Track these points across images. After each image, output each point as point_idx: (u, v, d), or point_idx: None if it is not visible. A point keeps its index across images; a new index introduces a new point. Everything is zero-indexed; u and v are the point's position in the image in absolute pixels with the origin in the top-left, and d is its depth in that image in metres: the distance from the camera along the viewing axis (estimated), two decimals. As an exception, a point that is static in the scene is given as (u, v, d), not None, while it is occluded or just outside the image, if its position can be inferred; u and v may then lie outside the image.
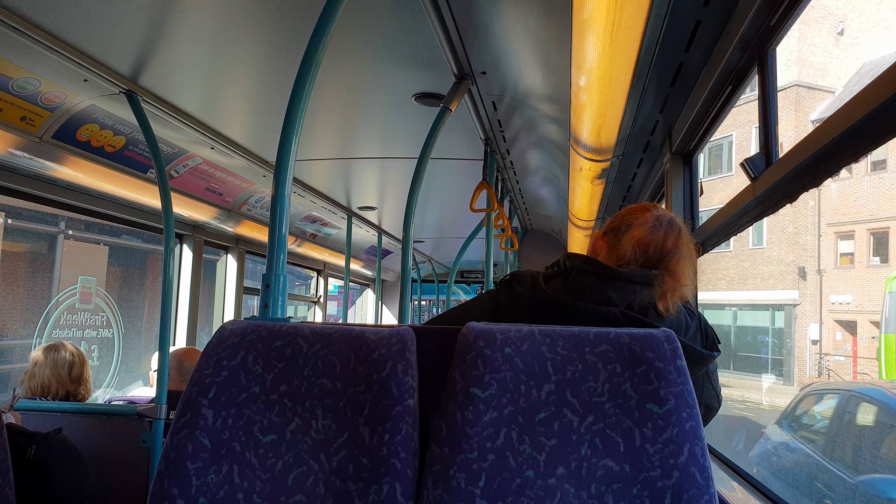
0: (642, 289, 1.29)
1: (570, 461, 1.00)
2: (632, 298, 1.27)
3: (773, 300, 18.88)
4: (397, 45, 1.99)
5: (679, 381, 1.04)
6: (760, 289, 19.31)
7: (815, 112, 18.09)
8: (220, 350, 1.12)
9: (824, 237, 18.13)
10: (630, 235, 1.34)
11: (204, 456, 1.04)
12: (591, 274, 1.31)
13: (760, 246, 19.67)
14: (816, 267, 18.17)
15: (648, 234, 1.33)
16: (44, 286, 3.76)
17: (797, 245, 18.61)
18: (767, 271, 19.33)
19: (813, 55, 19.00)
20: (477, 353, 1.07)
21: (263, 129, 2.90)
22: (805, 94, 18.47)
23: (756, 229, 18.92)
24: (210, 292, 4.55)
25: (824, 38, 19.17)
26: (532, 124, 2.81)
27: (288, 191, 1.33)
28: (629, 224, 1.37)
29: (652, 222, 1.35)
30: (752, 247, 19.79)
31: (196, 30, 1.91)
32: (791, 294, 18.46)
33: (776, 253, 19.20)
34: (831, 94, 18.25)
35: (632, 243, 1.33)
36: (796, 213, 18.26)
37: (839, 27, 19.32)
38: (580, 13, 1.52)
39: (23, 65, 2.05)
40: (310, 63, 1.34)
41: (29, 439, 1.78)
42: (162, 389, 2.39)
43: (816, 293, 18.03)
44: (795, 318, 18.10)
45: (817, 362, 17.25)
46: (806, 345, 17.71)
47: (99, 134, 2.59)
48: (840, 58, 19.04)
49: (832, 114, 1.08)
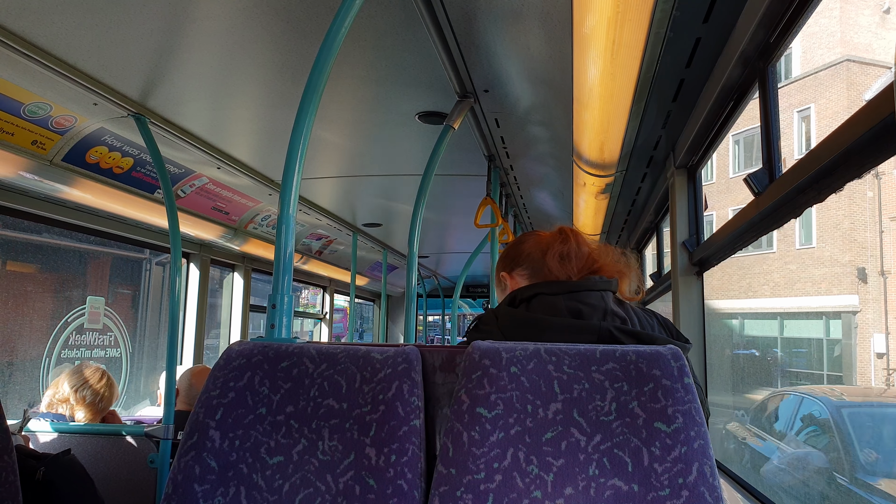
0: (608, 294, 1.29)
1: (579, 481, 1.00)
2: (603, 306, 1.27)
3: (827, 307, 15.96)
4: (400, 66, 2.02)
5: (687, 398, 1.03)
6: (811, 294, 16.23)
7: (871, 90, 15.31)
8: (227, 371, 1.13)
9: (887, 233, 15.12)
10: (551, 254, 1.35)
11: (211, 478, 1.04)
12: (555, 294, 1.29)
13: (809, 245, 16.48)
14: (879, 268, 15.14)
15: (562, 245, 1.35)
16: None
17: (854, 243, 15.55)
18: (819, 274, 16.29)
19: (857, 36, 17.06)
20: (483, 372, 1.07)
21: (269, 148, 2.93)
22: (857, 71, 16.00)
23: (804, 226, 16.08)
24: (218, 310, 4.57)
25: (869, 17, 17.31)
26: (535, 140, 2.83)
27: (293, 211, 1.34)
28: (533, 249, 1.39)
29: (555, 237, 1.38)
30: (800, 246, 16.72)
31: (203, 53, 1.94)
32: (849, 300, 15.50)
33: (829, 252, 16.11)
34: (888, 69, 16.07)
35: (556, 260, 1.34)
36: (852, 206, 15.42)
37: (885, 5, 17.42)
38: (580, 32, 1.54)
39: (34, 90, 2.08)
40: (315, 84, 1.35)
41: (38, 461, 1.78)
42: (169, 409, 2.40)
43: (880, 298, 15.03)
44: (856, 327, 15.24)
45: (885, 378, 14.44)
46: (869, 358, 14.95)
47: (108, 156, 2.62)
48: (886, 38, 17.04)
49: (833, 131, 1.09)
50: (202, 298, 4.01)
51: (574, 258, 1.34)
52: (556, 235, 1.40)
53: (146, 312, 4.22)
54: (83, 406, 2.48)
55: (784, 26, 1.40)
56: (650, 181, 3.21)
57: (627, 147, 2.34)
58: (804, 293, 16.56)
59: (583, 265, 1.34)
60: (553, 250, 1.36)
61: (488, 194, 3.03)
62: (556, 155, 3.04)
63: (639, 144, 2.47)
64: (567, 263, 1.33)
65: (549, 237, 1.40)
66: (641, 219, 3.99)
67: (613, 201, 3.25)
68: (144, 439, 2.40)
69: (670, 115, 2.25)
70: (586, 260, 1.35)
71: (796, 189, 1.30)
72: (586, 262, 1.35)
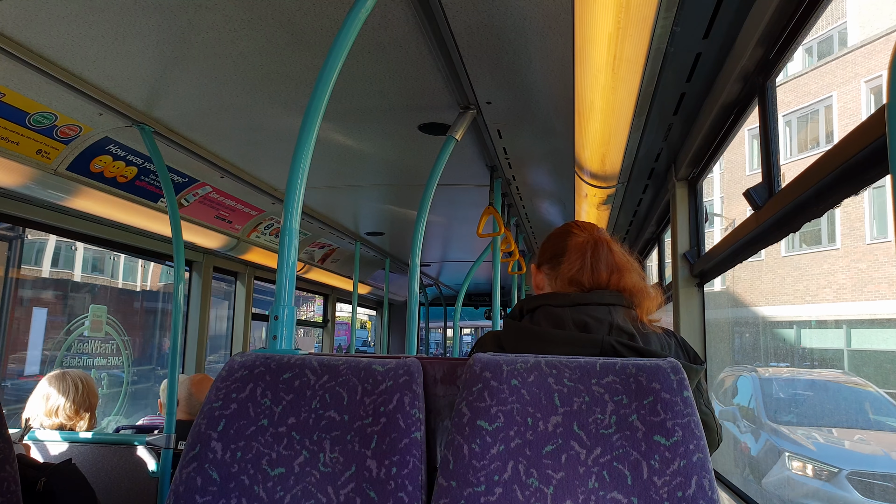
0: (616, 309, 1.28)
1: (578, 494, 1.00)
2: (609, 320, 1.27)
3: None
4: (404, 77, 2.04)
5: (686, 412, 1.04)
6: (888, 298, 13.30)
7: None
8: (229, 383, 1.13)
9: None
10: (562, 272, 1.35)
11: (213, 489, 1.05)
12: (561, 307, 1.28)
13: (884, 238, 13.46)
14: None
15: (577, 272, 1.33)
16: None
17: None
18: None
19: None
20: (484, 384, 1.08)
21: (272, 158, 2.95)
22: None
23: (878, 216, 13.13)
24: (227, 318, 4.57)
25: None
26: (537, 152, 2.84)
27: (297, 223, 1.34)
28: (559, 256, 1.37)
29: (577, 256, 1.35)
30: (871, 241, 13.74)
31: (207, 63, 1.96)
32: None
33: (914, 246, 12.07)
34: None
35: (564, 282, 1.34)
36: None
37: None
38: (582, 46, 1.55)
39: (40, 100, 2.10)
40: (319, 95, 1.36)
41: (39, 471, 1.78)
42: (170, 419, 2.40)
43: None
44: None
45: None
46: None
47: (112, 165, 2.64)
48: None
49: (832, 146, 1.10)
50: (205, 307, 4.02)
51: (588, 280, 1.32)
52: (587, 243, 1.36)
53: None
54: (80, 415, 2.45)
55: (783, 43, 1.42)
56: (651, 193, 3.22)
57: (629, 159, 2.35)
58: (879, 296, 13.31)
59: (601, 283, 1.32)
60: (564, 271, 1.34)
61: (491, 204, 3.04)
62: (558, 166, 3.06)
63: (640, 157, 2.48)
64: (578, 285, 1.32)
65: (574, 253, 1.36)
66: (643, 230, 4.00)
67: (615, 212, 3.26)
68: (146, 449, 2.41)
69: (671, 128, 2.27)
70: (607, 279, 1.33)
71: (795, 204, 1.31)
72: (606, 281, 1.32)
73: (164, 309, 5.15)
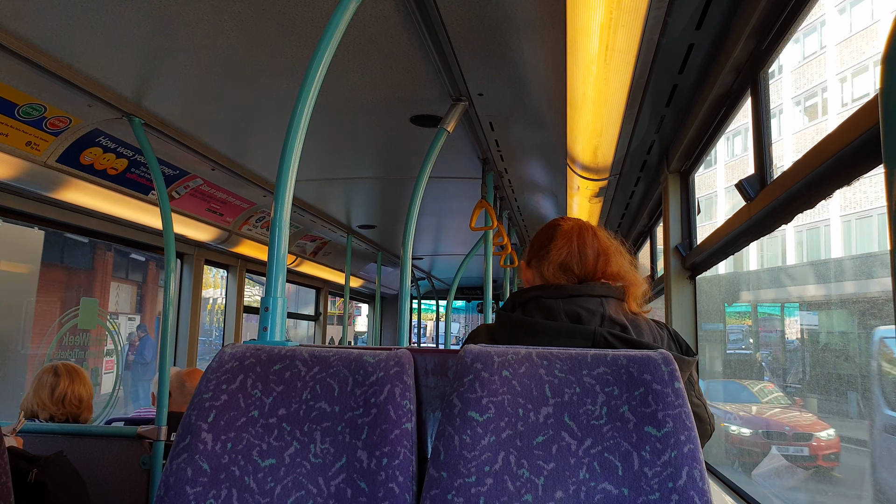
0: (608, 301, 1.29)
1: (569, 485, 1.00)
2: (601, 311, 1.27)
3: None
4: (394, 69, 2.02)
5: (677, 403, 1.04)
6: None
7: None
8: (219, 374, 1.13)
9: None
10: (552, 259, 1.36)
11: (203, 480, 1.04)
12: (553, 298, 1.29)
13: None
14: None
15: (566, 256, 1.35)
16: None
17: None
18: None
19: None
20: (475, 375, 1.08)
21: (263, 150, 2.93)
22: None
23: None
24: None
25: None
26: (529, 144, 2.84)
27: (287, 214, 1.34)
28: (546, 248, 1.38)
29: (564, 241, 1.37)
30: None
31: (197, 55, 1.94)
32: None
33: None
34: None
35: (555, 267, 1.35)
36: None
37: None
38: (574, 38, 1.55)
39: (29, 91, 2.08)
40: (309, 87, 1.36)
41: (30, 463, 1.77)
42: (162, 411, 2.39)
43: None
44: None
45: None
46: None
47: (102, 157, 2.62)
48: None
49: (824, 138, 1.10)
50: (196, 299, 4.01)
51: (577, 265, 1.33)
52: (573, 229, 1.38)
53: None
54: (40, 405, 2.41)
55: (775, 34, 1.42)
56: (644, 185, 3.23)
57: (621, 151, 2.35)
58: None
59: (589, 269, 1.33)
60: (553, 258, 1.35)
61: (483, 197, 3.04)
62: (550, 158, 3.06)
63: (632, 149, 2.49)
64: (568, 272, 1.33)
65: (560, 239, 1.37)
66: (635, 223, 4.01)
67: (607, 205, 3.27)
68: (137, 441, 2.40)
69: (664, 120, 2.27)
70: (594, 263, 1.34)
71: (787, 195, 1.31)
72: (594, 265, 1.34)
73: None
